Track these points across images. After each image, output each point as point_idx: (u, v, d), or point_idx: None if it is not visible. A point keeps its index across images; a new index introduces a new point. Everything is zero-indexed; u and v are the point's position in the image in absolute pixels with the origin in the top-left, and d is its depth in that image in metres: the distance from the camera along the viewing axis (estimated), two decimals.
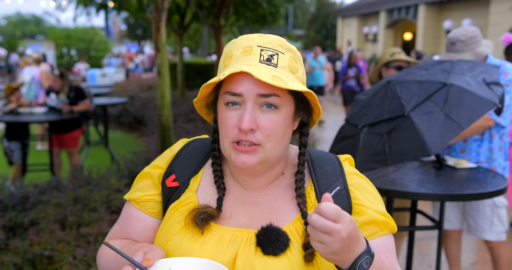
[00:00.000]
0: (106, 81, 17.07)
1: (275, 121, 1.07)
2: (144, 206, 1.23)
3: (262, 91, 1.04)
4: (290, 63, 1.09)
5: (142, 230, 1.23)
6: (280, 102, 1.07)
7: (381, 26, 25.66)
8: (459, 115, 2.39)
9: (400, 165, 3.00)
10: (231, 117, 1.07)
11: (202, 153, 1.25)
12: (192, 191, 1.19)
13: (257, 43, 1.09)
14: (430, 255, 4.32)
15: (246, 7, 10.44)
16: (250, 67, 1.03)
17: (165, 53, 5.14)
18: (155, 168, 1.25)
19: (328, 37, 39.16)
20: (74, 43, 26.84)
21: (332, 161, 1.23)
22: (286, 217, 1.14)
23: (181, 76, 11.80)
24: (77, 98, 6.15)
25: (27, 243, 3.32)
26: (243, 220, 1.14)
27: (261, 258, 1.06)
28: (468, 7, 19.54)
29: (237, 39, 1.13)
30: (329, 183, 1.17)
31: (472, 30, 3.06)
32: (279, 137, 1.09)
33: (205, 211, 1.12)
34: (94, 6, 10.34)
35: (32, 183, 4.68)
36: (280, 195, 1.17)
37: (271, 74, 1.02)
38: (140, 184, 1.26)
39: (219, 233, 1.12)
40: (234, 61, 1.09)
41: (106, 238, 1.28)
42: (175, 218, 1.16)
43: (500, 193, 2.55)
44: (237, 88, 1.05)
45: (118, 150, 8.09)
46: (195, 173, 1.22)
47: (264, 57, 1.06)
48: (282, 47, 1.10)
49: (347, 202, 1.16)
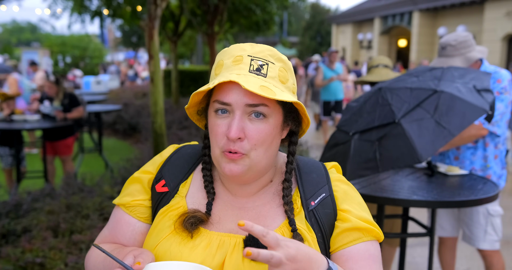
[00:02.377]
0: (101, 88, 17.05)
1: (263, 130, 1.08)
2: (134, 211, 1.24)
3: (250, 101, 1.06)
4: (280, 73, 1.10)
5: (131, 235, 1.23)
6: (268, 111, 1.08)
7: (375, 33, 25.81)
8: (449, 122, 2.40)
9: (392, 172, 3.01)
10: (220, 125, 1.09)
11: (191, 159, 1.27)
12: (181, 196, 1.20)
13: (248, 52, 1.10)
14: (422, 263, 4.32)
15: (240, 14, 10.46)
16: (239, 76, 1.04)
17: (158, 60, 5.15)
18: (145, 173, 1.27)
19: (322, 44, 39.32)
20: (69, 50, 26.88)
21: (319, 169, 1.24)
22: (273, 222, 1.15)
23: (176, 83, 11.81)
24: (71, 105, 6.15)
25: (19, 250, 3.31)
26: (231, 225, 1.16)
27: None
28: (462, 14, 19.69)
29: (229, 48, 1.14)
30: (314, 190, 1.19)
31: (463, 35, 3.07)
32: (266, 146, 1.10)
33: (195, 215, 1.13)
34: (89, 13, 10.35)
35: (26, 190, 4.67)
36: (267, 202, 1.19)
37: (259, 84, 1.04)
38: (129, 189, 1.27)
39: (207, 238, 1.13)
40: (224, 70, 1.10)
41: (94, 242, 1.28)
42: (164, 223, 1.17)
43: (491, 200, 2.56)
44: (226, 97, 1.07)
45: (112, 157, 8.07)
46: (184, 179, 1.23)
47: (254, 67, 1.08)
48: (273, 57, 1.11)
49: (332, 209, 1.17)
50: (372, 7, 25.91)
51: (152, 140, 5.63)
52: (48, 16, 23.85)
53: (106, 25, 26.21)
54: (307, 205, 1.16)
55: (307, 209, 1.16)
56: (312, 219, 1.15)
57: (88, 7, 10.21)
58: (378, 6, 25.16)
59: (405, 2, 22.16)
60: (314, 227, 1.14)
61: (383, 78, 3.80)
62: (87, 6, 10.17)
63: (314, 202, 1.17)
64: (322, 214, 1.16)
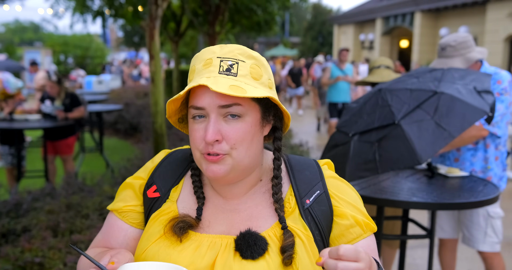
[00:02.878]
0: (103, 88, 17.08)
1: (240, 129, 1.08)
2: (126, 216, 1.25)
3: (223, 102, 1.06)
4: (252, 70, 1.10)
5: (123, 240, 1.24)
6: (242, 110, 1.08)
7: (377, 33, 25.78)
8: (449, 123, 2.39)
9: (391, 173, 3.00)
10: (198, 129, 1.10)
11: (182, 164, 1.27)
12: (172, 201, 1.21)
13: (217, 54, 1.10)
14: (423, 264, 4.32)
15: (241, 15, 10.48)
16: (209, 79, 1.05)
17: (159, 60, 5.16)
18: (136, 179, 1.28)
19: (324, 45, 39.29)
20: (71, 50, 26.92)
21: (311, 166, 1.24)
22: (265, 223, 1.15)
23: (177, 83, 11.83)
24: (72, 105, 6.15)
25: (19, 249, 3.31)
26: (222, 228, 1.16)
27: (240, 262, 1.07)
28: (464, 15, 19.66)
29: (200, 52, 1.14)
30: (308, 188, 1.19)
31: (463, 36, 3.06)
32: (246, 144, 1.10)
33: (184, 220, 1.14)
34: (91, 13, 10.37)
35: (26, 190, 4.67)
36: (259, 202, 1.19)
37: (229, 84, 1.04)
38: (122, 194, 1.28)
39: (197, 240, 1.13)
40: (196, 74, 1.11)
41: (89, 247, 1.29)
42: (155, 227, 1.17)
43: (491, 202, 2.55)
44: (199, 102, 1.08)
45: (113, 156, 8.08)
46: (175, 184, 1.24)
47: (223, 68, 1.08)
48: (243, 55, 1.11)
49: (328, 206, 1.17)
50: (374, 8, 25.89)
51: (152, 140, 5.64)
52: (50, 15, 23.90)
53: (108, 25, 26.23)
54: (302, 203, 1.16)
55: (303, 208, 1.16)
56: (308, 218, 1.15)
57: (90, 7, 10.24)
58: (380, 7, 25.14)
59: (407, 2, 22.14)
60: (310, 225, 1.14)
61: (384, 79, 3.80)
62: (89, 6, 10.19)
63: (309, 200, 1.17)
64: (318, 211, 1.16)
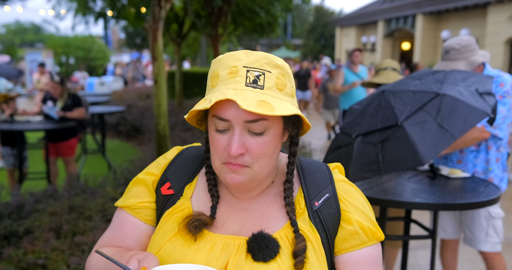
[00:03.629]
0: (105, 90, 17.10)
1: (264, 143, 1.08)
2: (140, 213, 1.23)
3: (249, 117, 1.05)
4: (277, 81, 1.08)
5: (137, 237, 1.22)
6: (268, 124, 1.08)
7: (379, 35, 25.80)
8: (452, 125, 2.40)
9: (394, 174, 3.01)
10: (220, 140, 1.09)
11: (196, 161, 1.26)
12: (186, 198, 1.20)
13: (243, 63, 1.07)
14: (425, 265, 4.32)
15: (244, 17, 10.47)
16: (236, 92, 1.03)
17: (162, 62, 5.16)
18: (149, 175, 1.26)
19: (326, 47, 39.34)
20: (73, 51, 26.95)
21: (322, 169, 1.24)
22: (276, 224, 1.15)
23: (179, 85, 11.83)
24: (73, 105, 6.17)
25: (21, 251, 3.32)
26: (235, 227, 1.16)
27: (251, 264, 1.07)
28: (465, 17, 19.67)
29: (223, 57, 1.11)
30: (318, 191, 1.19)
31: (467, 39, 3.08)
32: (268, 157, 1.11)
33: (199, 219, 1.13)
34: (93, 14, 10.38)
35: (28, 192, 4.68)
36: (270, 203, 1.19)
37: (257, 99, 1.02)
38: (134, 190, 1.26)
39: (211, 241, 1.13)
40: (221, 82, 1.07)
41: (96, 245, 1.27)
42: (169, 225, 1.16)
43: (492, 202, 2.56)
44: (224, 114, 1.06)
45: (115, 158, 8.09)
46: (189, 181, 1.23)
47: (250, 79, 1.05)
48: (269, 65, 1.08)
49: (336, 209, 1.17)
50: (376, 10, 25.92)
51: (155, 142, 5.64)
52: (52, 17, 23.89)
53: (110, 26, 26.26)
54: (311, 205, 1.16)
55: (311, 210, 1.16)
56: (316, 220, 1.15)
57: (92, 8, 10.24)
58: (381, 9, 25.17)
59: (408, 5, 22.16)
60: (318, 227, 1.15)
61: (390, 81, 3.84)
62: (91, 7, 10.20)
63: (318, 202, 1.17)
64: (326, 214, 1.16)
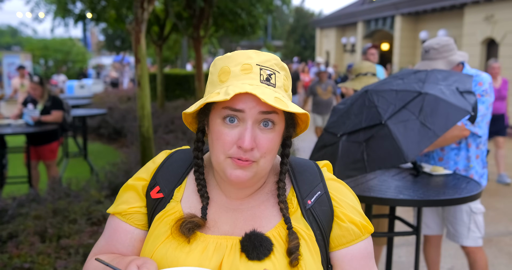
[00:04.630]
0: (85, 93, 16.95)
1: (272, 139, 1.10)
2: (131, 218, 1.23)
3: (264, 108, 1.07)
4: (284, 82, 1.12)
5: (130, 243, 1.23)
6: (278, 119, 1.10)
7: (358, 36, 26.01)
8: (434, 123, 2.46)
9: (379, 172, 3.06)
10: (229, 134, 1.09)
11: (185, 164, 1.26)
12: (176, 201, 1.20)
13: (255, 61, 1.09)
14: (408, 262, 4.39)
15: (226, 18, 10.48)
16: (253, 87, 1.05)
17: (145, 64, 5.15)
18: (138, 180, 1.26)
19: (307, 48, 39.51)
20: (52, 54, 26.59)
21: (312, 168, 1.27)
22: (268, 223, 1.16)
23: (161, 87, 11.79)
24: (52, 108, 6.10)
25: (6, 256, 3.28)
26: (226, 227, 1.16)
27: (246, 263, 1.08)
28: (443, 18, 19.96)
29: (233, 54, 1.13)
30: (310, 189, 1.21)
31: (446, 39, 3.16)
32: (273, 154, 1.13)
33: (192, 221, 1.14)
34: (72, 17, 10.28)
35: (10, 196, 4.62)
36: (261, 202, 1.20)
37: (273, 95, 1.05)
38: (124, 196, 1.26)
39: (204, 242, 1.13)
40: (233, 78, 1.08)
41: (91, 253, 1.28)
42: (160, 228, 1.16)
43: (474, 198, 2.62)
44: (239, 104, 1.07)
45: (97, 161, 8.03)
46: (179, 184, 1.23)
47: (263, 77, 1.08)
48: (278, 65, 1.12)
49: (329, 206, 1.20)
50: (355, 12, 26.13)
51: (139, 144, 5.63)
52: (30, 19, 23.52)
53: (89, 28, 26.01)
54: (304, 204, 1.18)
55: (304, 208, 1.18)
56: (310, 218, 1.17)
57: (72, 10, 10.15)
58: (361, 11, 25.38)
59: (387, 6, 22.40)
60: (312, 225, 1.16)
61: None
62: (71, 9, 10.11)
63: (311, 200, 1.19)
64: (320, 212, 1.18)
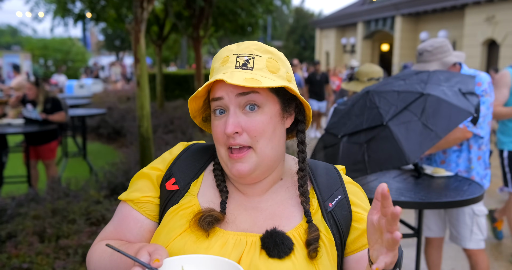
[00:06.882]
0: (84, 92, 16.93)
1: (260, 121, 1.10)
2: (142, 207, 1.21)
3: (239, 90, 1.09)
4: (268, 64, 1.12)
5: (139, 232, 1.21)
6: (261, 99, 1.10)
7: (358, 37, 26.02)
8: (436, 124, 2.44)
9: (380, 173, 3.05)
10: (219, 125, 1.12)
11: (202, 158, 1.26)
12: (192, 195, 1.19)
13: (234, 51, 1.13)
14: (409, 264, 4.36)
15: (225, 18, 10.47)
16: (226, 74, 1.08)
17: (145, 63, 5.14)
18: (154, 170, 1.24)
19: (306, 48, 39.54)
20: (51, 54, 26.59)
21: (331, 171, 1.26)
22: (288, 223, 1.15)
23: (160, 87, 11.77)
24: (53, 109, 6.10)
25: (5, 256, 3.27)
26: (246, 225, 1.15)
27: (266, 260, 1.07)
28: (443, 19, 19.96)
29: (218, 52, 1.18)
30: (330, 192, 1.20)
31: (440, 41, 3.15)
32: (267, 136, 1.11)
33: (211, 215, 1.12)
34: (72, 16, 10.27)
35: (9, 196, 4.61)
36: (281, 201, 1.19)
37: (244, 77, 1.07)
38: (138, 184, 1.24)
39: (223, 237, 1.11)
40: (215, 72, 1.14)
41: (97, 238, 1.26)
42: (175, 221, 1.14)
43: (476, 200, 2.61)
44: (217, 93, 1.10)
45: (96, 161, 8.00)
46: (196, 177, 1.22)
47: (240, 63, 1.11)
48: (259, 50, 1.14)
49: (348, 211, 1.19)
50: (355, 12, 26.14)
51: (138, 144, 5.61)
52: (29, 19, 23.59)
53: (89, 28, 26.00)
54: (325, 206, 1.17)
55: (325, 211, 1.17)
56: (330, 221, 1.16)
57: (71, 10, 10.14)
58: (361, 11, 25.39)
59: (387, 7, 22.41)
60: (332, 228, 1.15)
61: None
62: (70, 9, 10.10)
63: (332, 203, 1.18)
64: (340, 215, 1.17)
